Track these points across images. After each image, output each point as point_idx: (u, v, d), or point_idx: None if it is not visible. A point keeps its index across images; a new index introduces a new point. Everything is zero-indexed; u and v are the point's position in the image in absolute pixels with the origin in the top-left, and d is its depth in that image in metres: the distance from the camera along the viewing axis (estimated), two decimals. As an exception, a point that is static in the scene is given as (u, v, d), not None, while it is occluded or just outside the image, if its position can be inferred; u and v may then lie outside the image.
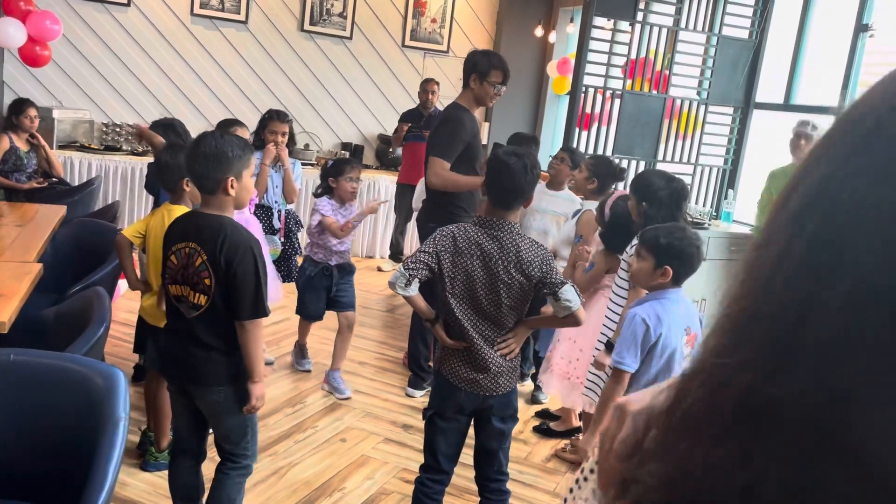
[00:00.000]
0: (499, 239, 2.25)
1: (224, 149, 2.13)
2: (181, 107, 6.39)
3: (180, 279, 2.19)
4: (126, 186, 5.76)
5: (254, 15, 6.52)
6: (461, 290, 2.27)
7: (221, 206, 2.19)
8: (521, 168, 2.25)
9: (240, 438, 2.30)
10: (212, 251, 2.12)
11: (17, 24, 4.70)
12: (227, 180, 2.14)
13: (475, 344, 2.29)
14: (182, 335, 2.22)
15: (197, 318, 2.18)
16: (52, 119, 5.52)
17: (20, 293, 2.47)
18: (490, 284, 2.25)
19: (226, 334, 2.18)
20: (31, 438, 1.90)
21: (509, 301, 2.26)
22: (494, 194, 2.28)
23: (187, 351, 2.20)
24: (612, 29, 5.06)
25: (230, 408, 2.24)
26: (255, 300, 2.15)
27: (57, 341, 2.32)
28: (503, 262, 2.23)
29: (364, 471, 3.08)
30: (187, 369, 2.23)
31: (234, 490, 2.33)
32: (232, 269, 2.11)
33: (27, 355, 1.94)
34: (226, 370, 2.21)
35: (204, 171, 2.14)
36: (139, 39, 6.21)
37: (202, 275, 2.14)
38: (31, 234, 3.32)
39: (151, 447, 2.93)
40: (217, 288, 2.14)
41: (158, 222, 2.83)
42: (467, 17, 7.25)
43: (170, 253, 2.23)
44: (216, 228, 2.14)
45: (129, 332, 4.01)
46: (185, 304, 2.20)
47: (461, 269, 2.26)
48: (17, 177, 4.82)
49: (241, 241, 2.14)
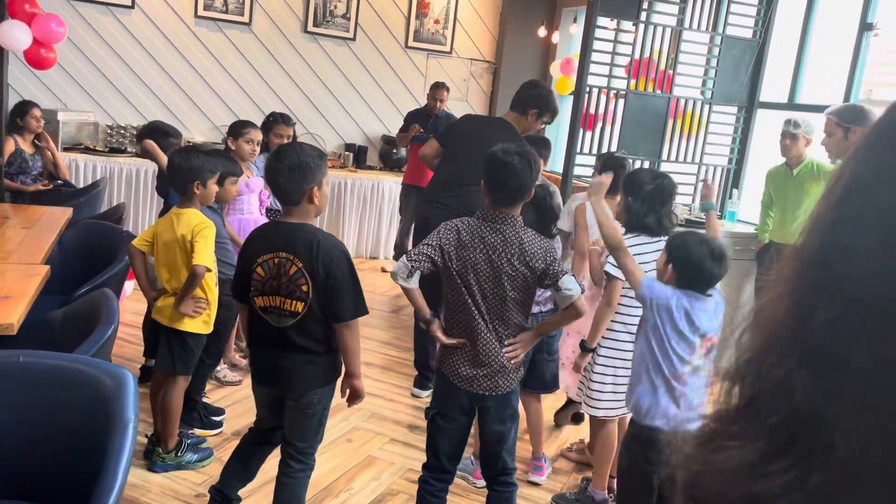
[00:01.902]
0: (502, 232, 2.26)
1: (306, 160, 2.22)
2: (185, 109, 6.40)
3: (269, 290, 2.25)
4: (131, 188, 5.77)
5: (257, 17, 6.54)
6: (466, 283, 2.28)
7: (304, 215, 2.27)
8: (525, 166, 2.25)
9: (313, 437, 2.40)
10: (307, 258, 2.20)
11: (23, 27, 4.71)
12: (311, 190, 2.22)
13: (479, 338, 2.29)
14: (277, 345, 2.29)
15: (293, 327, 2.25)
16: (56, 121, 5.53)
17: (28, 295, 2.48)
18: (494, 277, 2.26)
19: (319, 338, 2.28)
20: (40, 439, 1.91)
21: (514, 294, 2.27)
22: (499, 194, 2.28)
23: (286, 359, 2.29)
24: (616, 29, 5.06)
25: (319, 410, 2.35)
26: (356, 300, 2.25)
27: (65, 343, 2.33)
28: (507, 254, 2.24)
29: (370, 471, 3.09)
30: (287, 378, 2.31)
31: (303, 490, 2.43)
32: (332, 273, 2.20)
33: (36, 356, 1.95)
34: (323, 373, 2.32)
35: (288, 183, 2.22)
36: (143, 42, 6.22)
37: (299, 282, 2.21)
38: (37, 236, 3.33)
39: (158, 448, 2.94)
40: (315, 294, 2.21)
41: (167, 226, 2.86)
42: (470, 17, 7.25)
43: (254, 265, 2.26)
44: (307, 236, 2.22)
45: (135, 333, 4.02)
46: (277, 313, 2.26)
47: (466, 262, 2.27)
48: (23, 179, 4.84)
49: (333, 246, 2.24)
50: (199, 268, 2.73)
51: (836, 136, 3.58)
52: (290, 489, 2.37)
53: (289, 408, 2.36)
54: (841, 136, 3.58)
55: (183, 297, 2.79)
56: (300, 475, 2.38)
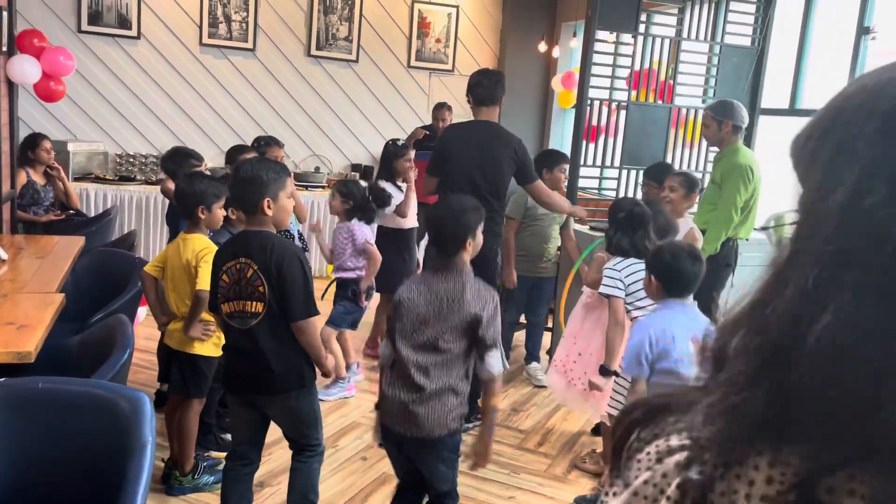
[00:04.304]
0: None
1: (259, 173, 2.31)
2: (192, 135, 6.49)
3: (233, 295, 2.35)
4: (142, 215, 5.84)
5: (261, 43, 6.63)
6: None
7: (260, 225, 2.36)
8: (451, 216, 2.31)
9: (312, 430, 2.49)
10: (262, 260, 2.30)
11: (32, 61, 4.81)
12: (263, 201, 2.29)
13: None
14: (246, 349, 2.36)
15: (257, 327, 2.33)
16: (67, 152, 5.62)
17: (44, 323, 2.52)
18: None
19: (287, 337, 2.35)
20: (59, 463, 1.94)
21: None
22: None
23: (254, 364, 2.36)
24: (615, 42, 5.11)
25: (302, 408, 2.43)
26: (305, 300, 2.32)
27: (81, 369, 2.37)
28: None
29: (386, 489, 3.10)
30: (257, 382, 2.38)
31: (315, 476, 2.54)
32: (282, 273, 2.29)
33: (55, 382, 1.98)
34: (293, 375, 2.38)
35: (241, 193, 2.36)
36: (150, 71, 6.32)
37: (255, 284, 2.31)
38: (51, 265, 3.39)
39: (175, 472, 2.96)
40: (271, 293, 2.31)
41: (175, 252, 2.92)
42: (471, 35, 7.33)
43: (221, 273, 2.37)
44: (263, 240, 2.33)
45: (149, 358, 4.07)
46: (240, 317, 2.35)
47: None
48: (35, 210, 4.91)
49: (287, 248, 2.36)
50: (202, 293, 2.77)
51: (712, 127, 4.04)
52: (303, 473, 2.51)
53: (271, 415, 2.47)
54: (715, 128, 4.01)
55: (190, 321, 2.83)
56: (311, 460, 2.52)
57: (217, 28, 6.46)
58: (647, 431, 0.60)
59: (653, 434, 0.59)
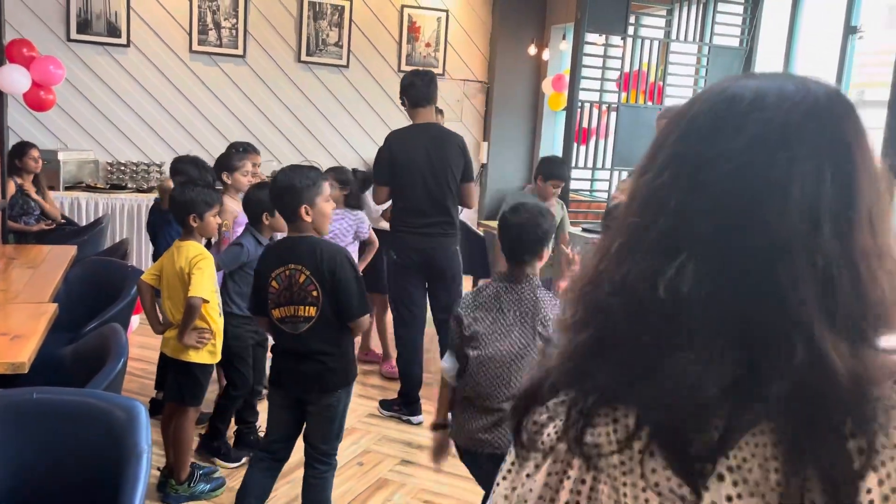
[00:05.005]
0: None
1: (292, 181, 2.39)
2: (183, 142, 6.47)
3: (284, 301, 2.41)
4: (133, 223, 5.82)
5: (251, 49, 6.63)
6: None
7: (302, 231, 2.43)
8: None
9: (335, 439, 2.53)
10: (313, 266, 2.37)
11: (22, 71, 4.79)
12: (301, 208, 2.38)
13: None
14: (299, 352, 2.43)
15: (309, 331, 2.40)
16: (57, 161, 5.60)
17: (38, 333, 2.51)
18: None
19: (336, 339, 2.45)
20: (55, 474, 1.93)
21: None
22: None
23: (307, 364, 2.43)
24: (605, 44, 5.14)
25: (338, 410, 2.49)
26: (360, 298, 2.43)
27: (76, 378, 2.36)
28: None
29: (383, 493, 3.10)
30: (309, 381, 2.44)
31: (330, 490, 2.56)
32: (336, 276, 2.37)
33: (49, 392, 1.98)
34: (341, 375, 2.46)
35: (279, 202, 2.45)
36: (140, 79, 6.31)
37: (308, 289, 2.38)
38: (43, 275, 3.38)
39: (171, 480, 2.95)
40: (324, 298, 2.38)
41: (169, 259, 2.91)
42: (461, 39, 7.34)
43: (269, 280, 2.42)
44: (310, 246, 2.40)
45: (143, 367, 4.05)
46: (293, 321, 2.41)
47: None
48: (26, 220, 4.89)
49: (335, 251, 2.44)
50: (194, 300, 2.77)
51: (661, 125, 4.09)
52: (317, 489, 2.53)
53: (310, 412, 2.49)
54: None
55: (184, 329, 2.82)
56: (326, 475, 2.54)
57: (207, 35, 6.46)
58: (540, 415, 0.70)
59: (547, 418, 0.69)
